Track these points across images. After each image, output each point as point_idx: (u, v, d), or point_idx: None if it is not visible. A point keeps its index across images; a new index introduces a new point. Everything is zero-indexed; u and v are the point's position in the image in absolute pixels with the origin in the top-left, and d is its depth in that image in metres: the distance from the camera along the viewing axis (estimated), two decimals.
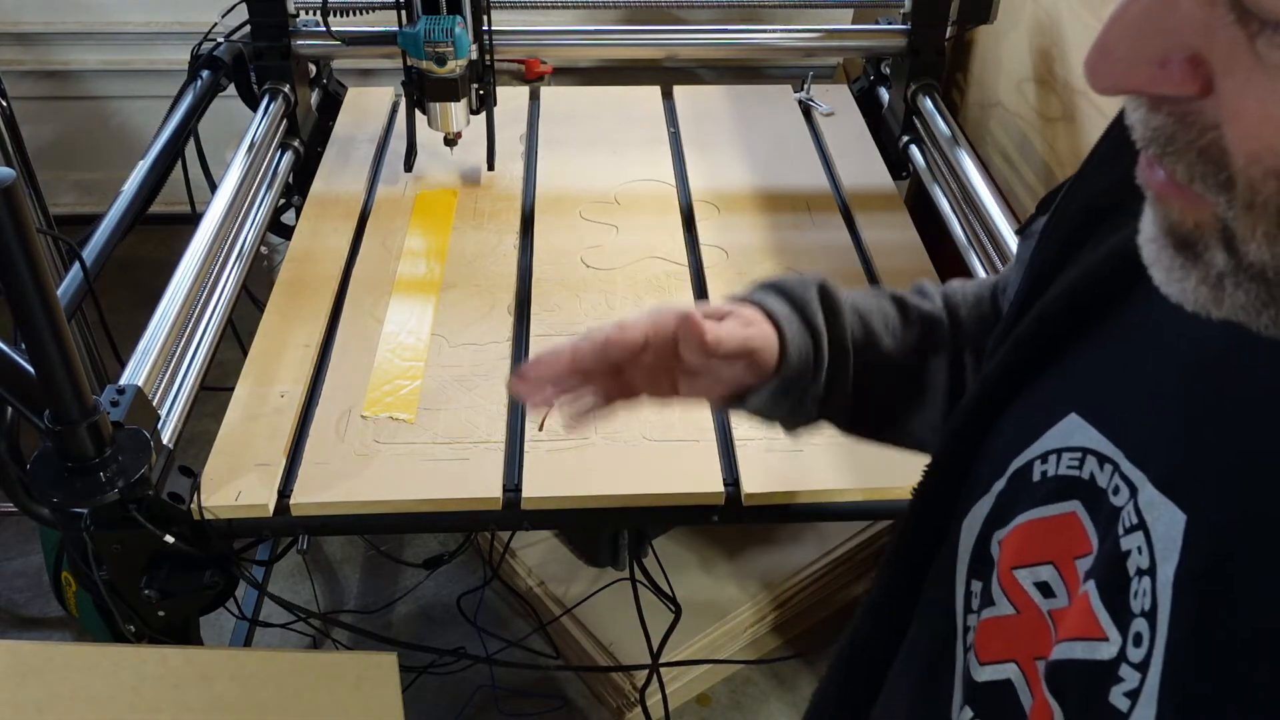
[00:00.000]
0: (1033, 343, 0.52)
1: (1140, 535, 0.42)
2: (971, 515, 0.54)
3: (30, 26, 2.42)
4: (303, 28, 1.58)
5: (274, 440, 1.07)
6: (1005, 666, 0.49)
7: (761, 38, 1.71)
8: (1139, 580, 0.41)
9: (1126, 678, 0.41)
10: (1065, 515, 0.47)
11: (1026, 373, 0.53)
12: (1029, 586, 0.48)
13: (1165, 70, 0.33)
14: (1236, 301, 0.34)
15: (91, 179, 2.62)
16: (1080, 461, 0.47)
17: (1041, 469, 0.49)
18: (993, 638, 0.51)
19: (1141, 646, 0.40)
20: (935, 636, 0.56)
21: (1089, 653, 0.43)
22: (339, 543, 1.97)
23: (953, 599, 0.54)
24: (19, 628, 1.83)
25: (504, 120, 1.56)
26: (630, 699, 1.61)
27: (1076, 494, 0.47)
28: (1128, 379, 0.47)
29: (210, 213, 1.30)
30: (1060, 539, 0.47)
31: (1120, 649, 0.41)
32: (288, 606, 1.30)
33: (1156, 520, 0.41)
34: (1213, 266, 0.35)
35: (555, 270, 1.35)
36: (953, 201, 1.44)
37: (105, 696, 0.96)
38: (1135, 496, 0.43)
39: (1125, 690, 0.41)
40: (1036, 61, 1.49)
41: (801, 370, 0.67)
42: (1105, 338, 0.49)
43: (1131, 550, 0.42)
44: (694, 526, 1.79)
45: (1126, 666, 0.41)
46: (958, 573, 0.54)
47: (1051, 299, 0.52)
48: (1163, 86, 0.33)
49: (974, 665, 0.51)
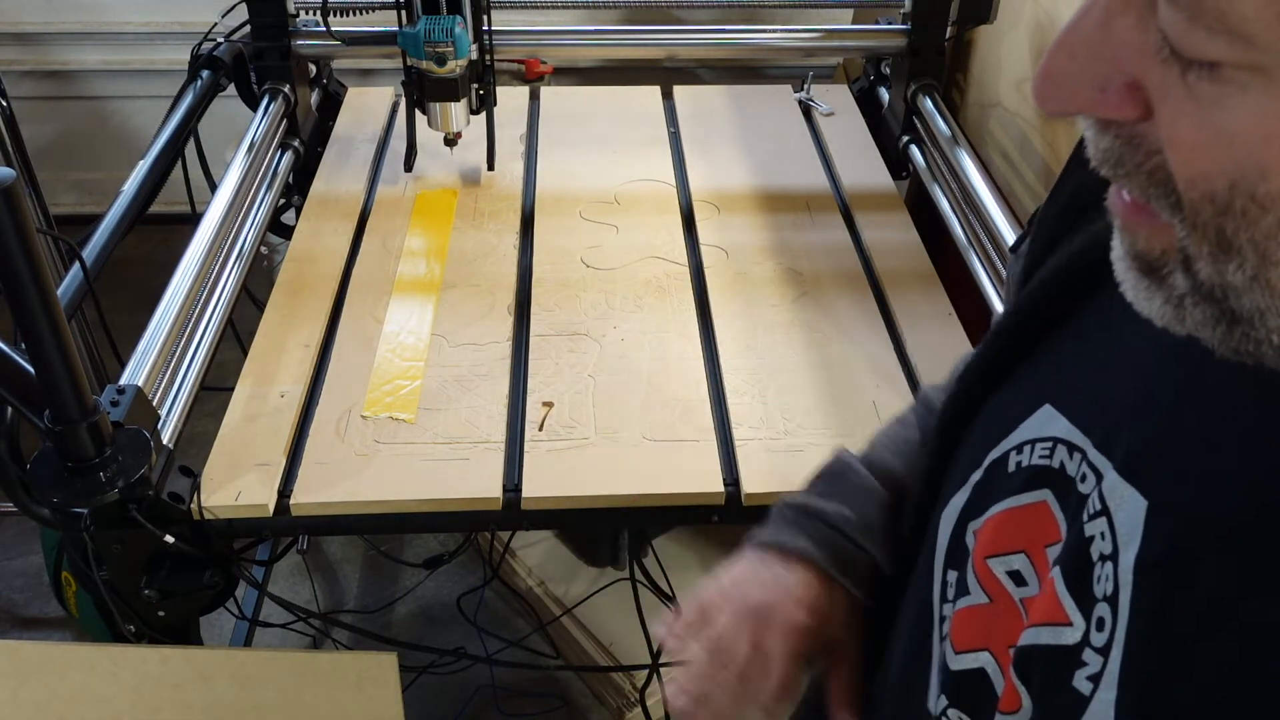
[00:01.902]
0: (1011, 336, 0.53)
1: (1104, 521, 0.43)
2: (949, 507, 0.54)
3: (30, 26, 2.42)
4: (303, 28, 1.58)
5: (274, 440, 1.07)
6: (979, 655, 0.50)
7: (761, 38, 1.71)
8: (1102, 565, 0.42)
9: (1090, 662, 0.41)
10: (1037, 504, 0.48)
11: (1005, 366, 0.54)
12: (1001, 575, 0.49)
13: (1105, 95, 0.34)
14: (1195, 319, 0.36)
15: (91, 179, 2.62)
16: (1051, 451, 0.48)
17: (1016, 460, 0.50)
18: (967, 627, 0.51)
19: (1104, 631, 0.41)
20: (915, 627, 0.57)
21: (1054, 638, 0.44)
22: (339, 543, 1.97)
23: (930, 590, 0.55)
24: (19, 628, 1.83)
25: (504, 120, 1.56)
26: (630, 699, 1.61)
27: (1047, 483, 0.48)
28: (1097, 368, 0.48)
29: (210, 213, 1.30)
30: (1032, 528, 0.48)
31: (1084, 633, 0.42)
32: (288, 606, 1.30)
33: (1119, 506, 0.42)
34: (1175, 289, 0.36)
35: (555, 270, 1.35)
36: (953, 201, 1.44)
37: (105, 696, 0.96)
38: (1100, 483, 0.44)
39: (1088, 674, 0.41)
40: (1036, 61, 1.48)
41: (859, 574, 0.64)
42: (1079, 328, 0.50)
43: (1095, 536, 0.43)
44: (694, 526, 1.79)
45: (1090, 651, 0.42)
46: (935, 564, 0.55)
47: (1029, 292, 0.52)
48: (1103, 110, 0.35)
49: (949, 654, 0.52)
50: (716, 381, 1.17)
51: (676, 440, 1.08)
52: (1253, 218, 0.32)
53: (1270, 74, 0.30)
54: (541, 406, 1.12)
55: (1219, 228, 0.33)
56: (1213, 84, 0.31)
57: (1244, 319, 0.34)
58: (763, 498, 1.02)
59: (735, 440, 1.08)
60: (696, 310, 1.28)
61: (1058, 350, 0.51)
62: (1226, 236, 0.33)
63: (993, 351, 0.54)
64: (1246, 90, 0.31)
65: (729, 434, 1.09)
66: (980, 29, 1.65)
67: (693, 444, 1.08)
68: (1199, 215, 0.33)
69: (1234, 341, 0.35)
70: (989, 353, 0.54)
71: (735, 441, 1.08)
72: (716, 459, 1.06)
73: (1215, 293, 0.34)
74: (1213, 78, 0.31)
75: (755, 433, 1.09)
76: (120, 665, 0.97)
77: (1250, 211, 0.32)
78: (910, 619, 0.58)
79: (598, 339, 1.23)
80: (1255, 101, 0.31)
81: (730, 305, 1.29)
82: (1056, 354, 0.51)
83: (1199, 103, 0.32)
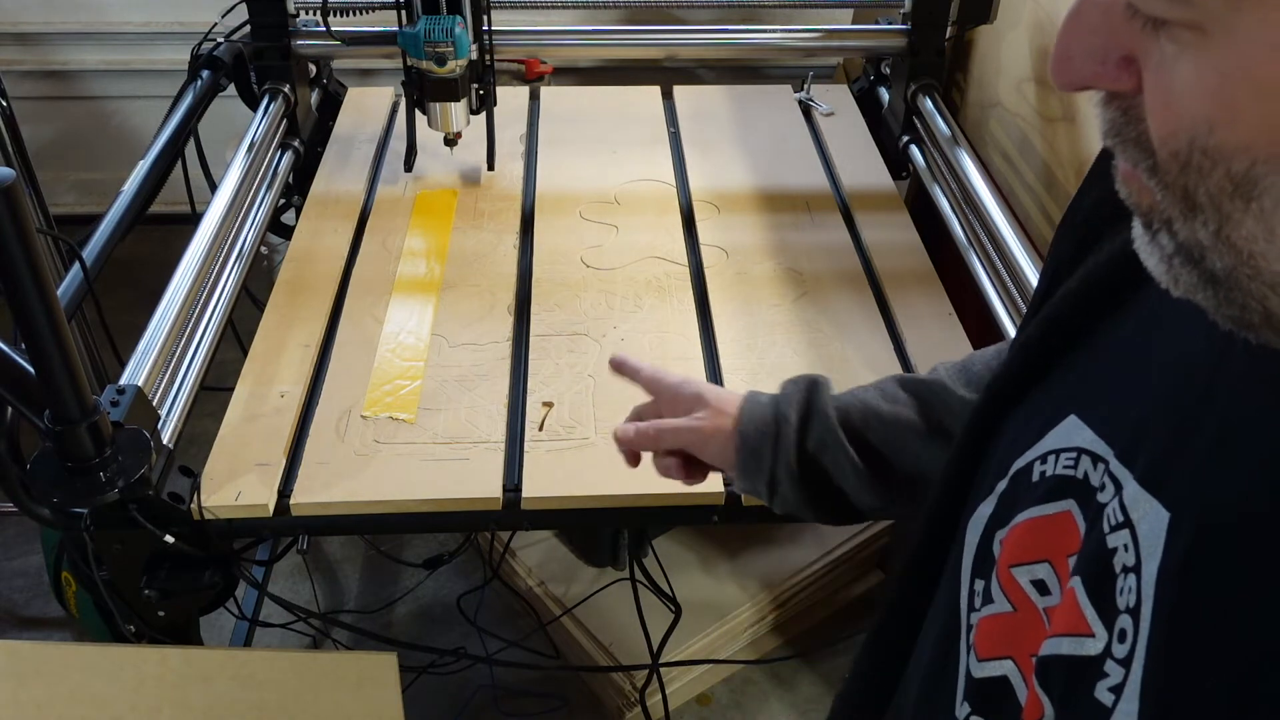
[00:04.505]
0: (1038, 347, 0.54)
1: (1126, 533, 0.43)
2: (976, 515, 0.55)
3: (30, 26, 2.42)
4: (303, 28, 1.58)
5: (274, 440, 1.07)
6: (1003, 663, 0.50)
7: (761, 38, 1.70)
8: (1124, 577, 0.42)
9: (1111, 673, 0.41)
10: (1060, 514, 0.48)
11: (1032, 376, 0.54)
12: (1025, 584, 0.49)
13: (1104, 68, 0.37)
14: (1186, 282, 0.38)
15: (91, 179, 2.62)
16: (1075, 461, 0.48)
17: (1041, 469, 0.50)
18: (991, 635, 0.51)
19: (1126, 642, 0.41)
20: (942, 635, 0.57)
21: (1075, 648, 0.44)
22: (339, 543, 1.97)
23: (958, 598, 0.55)
24: (19, 628, 1.83)
25: (504, 120, 1.56)
26: (630, 699, 1.61)
27: (1070, 493, 0.48)
28: (1123, 379, 0.48)
29: (210, 213, 1.30)
30: (1055, 537, 0.48)
31: (1106, 645, 0.42)
32: (288, 606, 1.30)
33: (1141, 518, 0.42)
34: (1164, 248, 0.38)
35: (555, 270, 1.35)
36: (953, 201, 1.44)
37: (105, 696, 0.96)
38: (1120, 494, 0.44)
39: (1110, 685, 0.41)
40: (1036, 61, 1.49)
41: (757, 439, 0.75)
42: (1107, 340, 0.51)
43: (1118, 548, 0.43)
44: (694, 526, 1.79)
45: (1111, 662, 0.42)
46: (962, 571, 0.55)
47: (1055, 303, 0.53)
48: (1103, 82, 0.37)
49: (973, 662, 0.52)
50: (716, 381, 1.17)
51: None
52: (1206, 171, 0.34)
53: (1206, 31, 0.32)
54: (541, 406, 1.12)
55: (1184, 186, 0.35)
56: (1170, 44, 0.34)
57: (1222, 281, 0.36)
58: None
59: None
60: (696, 310, 1.28)
61: (1083, 361, 0.51)
62: (1190, 193, 0.35)
63: (1019, 363, 0.55)
64: (1191, 48, 0.33)
65: None
66: (980, 29, 1.65)
67: None
68: (1169, 175, 0.35)
69: (1224, 307, 0.37)
70: (1015, 364, 0.55)
71: None
72: None
73: (1194, 253, 0.36)
74: (1170, 38, 0.34)
75: None
76: (120, 665, 0.97)
77: (1204, 166, 0.34)
78: (937, 628, 0.58)
79: (598, 339, 1.23)
80: (1197, 58, 0.33)
81: (730, 305, 1.29)
82: (1082, 365, 0.51)
83: (1168, 65, 0.34)
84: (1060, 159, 1.42)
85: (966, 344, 1.23)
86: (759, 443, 0.75)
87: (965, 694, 0.53)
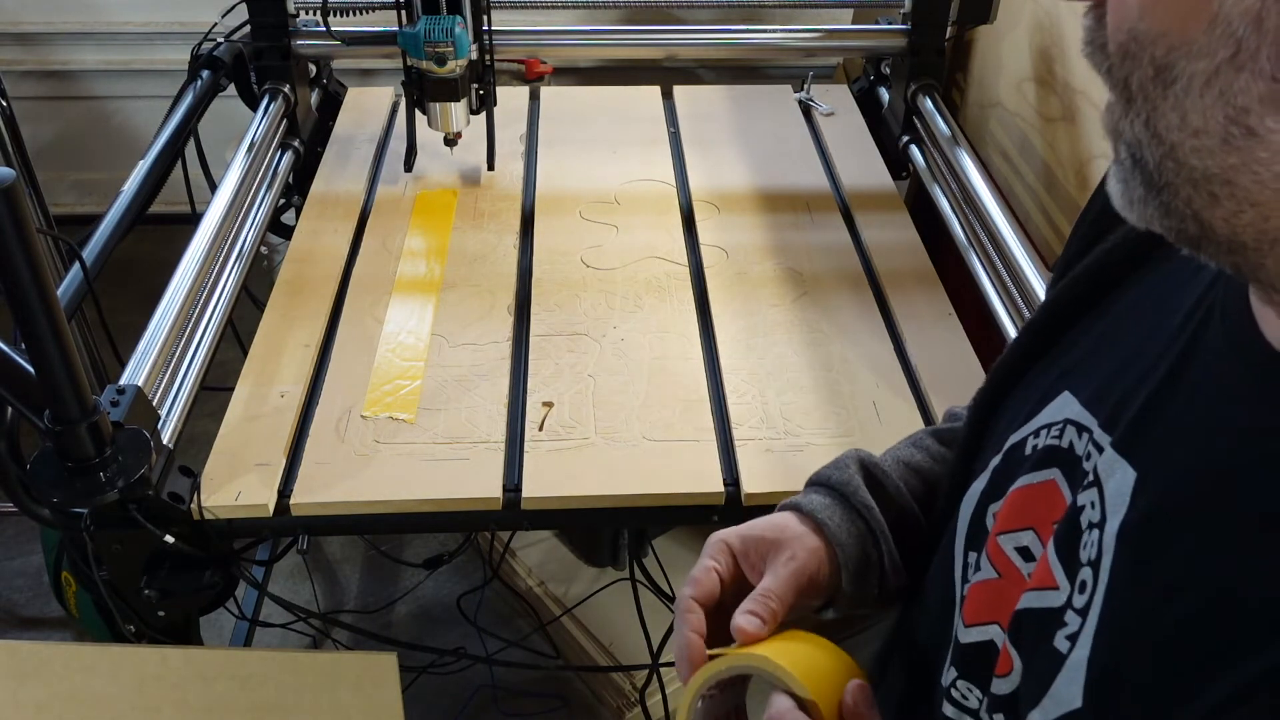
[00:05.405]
0: (1040, 330, 0.56)
1: (1094, 492, 0.45)
2: (970, 492, 0.57)
3: (30, 26, 2.42)
4: (303, 28, 1.58)
5: (274, 440, 1.07)
6: (988, 628, 0.52)
7: (761, 38, 1.71)
8: (1090, 533, 0.44)
9: (1070, 622, 0.44)
10: (1046, 483, 0.50)
11: (1032, 358, 0.56)
12: (1010, 551, 0.51)
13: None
14: (1135, 193, 0.39)
15: (91, 179, 2.62)
16: (1062, 432, 0.50)
17: (1033, 443, 0.52)
18: (977, 601, 0.53)
19: (1085, 593, 0.43)
20: (938, 606, 0.59)
21: (1041, 601, 0.46)
22: (339, 543, 1.97)
23: (953, 573, 0.57)
24: (19, 628, 1.83)
25: (504, 120, 1.56)
26: (630, 699, 1.61)
27: (1056, 462, 0.50)
28: (1111, 355, 0.50)
29: (210, 213, 1.30)
30: (1041, 505, 0.50)
31: (1068, 596, 0.44)
32: (288, 606, 1.30)
33: (1109, 478, 0.44)
34: (1123, 164, 0.39)
35: (555, 270, 1.35)
36: (953, 201, 1.44)
37: (105, 696, 0.96)
38: (1098, 458, 0.46)
39: (1067, 634, 0.43)
40: (1036, 61, 1.49)
41: (861, 552, 0.64)
42: (1102, 322, 0.53)
43: (1085, 505, 0.45)
44: (694, 526, 1.79)
45: (1071, 612, 0.44)
46: (955, 547, 0.57)
47: (1060, 289, 0.55)
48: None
49: (960, 628, 0.54)
50: (716, 381, 1.17)
51: (676, 440, 1.08)
52: (1138, 59, 0.36)
53: None
54: (541, 406, 1.12)
55: (1124, 77, 0.37)
56: None
57: (1156, 183, 0.37)
58: (763, 498, 1.02)
59: (735, 440, 1.08)
60: (696, 310, 1.28)
61: (1079, 341, 0.53)
62: (1128, 85, 0.37)
63: (1022, 345, 0.57)
64: None
65: (729, 434, 1.09)
66: (980, 29, 1.65)
67: (692, 444, 1.08)
68: (1117, 70, 0.37)
69: (1167, 219, 0.38)
70: (1019, 347, 0.57)
71: (735, 441, 1.08)
72: (716, 459, 1.06)
73: (1136, 152, 0.38)
74: None
75: (755, 432, 1.09)
76: (120, 665, 0.97)
77: (1137, 54, 0.36)
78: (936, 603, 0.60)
79: (597, 339, 1.23)
80: None
81: (730, 305, 1.29)
82: (1078, 345, 0.53)
83: None
84: (1060, 159, 1.42)
85: (966, 344, 1.23)
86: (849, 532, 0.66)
87: (953, 659, 0.55)
